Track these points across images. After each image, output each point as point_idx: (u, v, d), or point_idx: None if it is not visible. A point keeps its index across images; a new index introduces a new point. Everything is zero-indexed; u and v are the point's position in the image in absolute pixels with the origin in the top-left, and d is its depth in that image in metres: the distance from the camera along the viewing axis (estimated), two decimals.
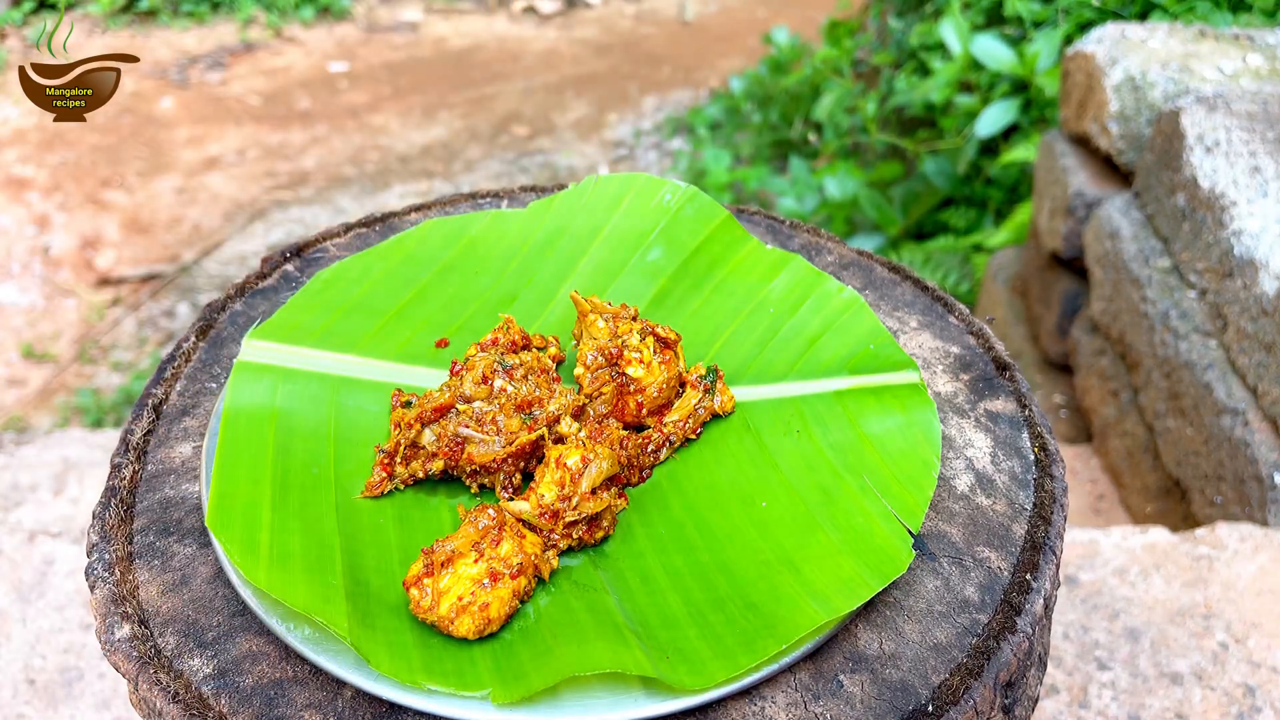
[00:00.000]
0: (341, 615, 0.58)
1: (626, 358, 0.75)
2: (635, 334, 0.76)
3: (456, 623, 0.59)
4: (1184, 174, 1.84)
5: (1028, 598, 0.65)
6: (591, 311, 0.79)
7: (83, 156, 4.17)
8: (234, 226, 3.82)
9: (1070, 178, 2.21)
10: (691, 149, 4.30)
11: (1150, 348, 1.90)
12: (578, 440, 0.71)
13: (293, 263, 0.95)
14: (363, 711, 0.58)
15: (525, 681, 0.57)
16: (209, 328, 0.87)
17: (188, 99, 4.72)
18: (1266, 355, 1.63)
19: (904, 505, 0.67)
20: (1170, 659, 1.31)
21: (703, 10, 5.93)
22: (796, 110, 4.13)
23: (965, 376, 0.84)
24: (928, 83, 3.14)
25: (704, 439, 0.77)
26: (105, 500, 0.70)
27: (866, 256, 0.98)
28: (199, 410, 0.79)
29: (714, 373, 0.78)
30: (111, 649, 0.61)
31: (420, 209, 1.04)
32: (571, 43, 5.49)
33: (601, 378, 0.75)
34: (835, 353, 0.81)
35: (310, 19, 5.54)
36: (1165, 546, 1.48)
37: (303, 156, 4.31)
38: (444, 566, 0.61)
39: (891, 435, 0.73)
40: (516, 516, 0.65)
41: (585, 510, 0.66)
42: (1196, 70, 2.06)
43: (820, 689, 0.59)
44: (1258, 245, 1.65)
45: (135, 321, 3.34)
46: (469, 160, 4.32)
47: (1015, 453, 0.76)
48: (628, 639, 0.59)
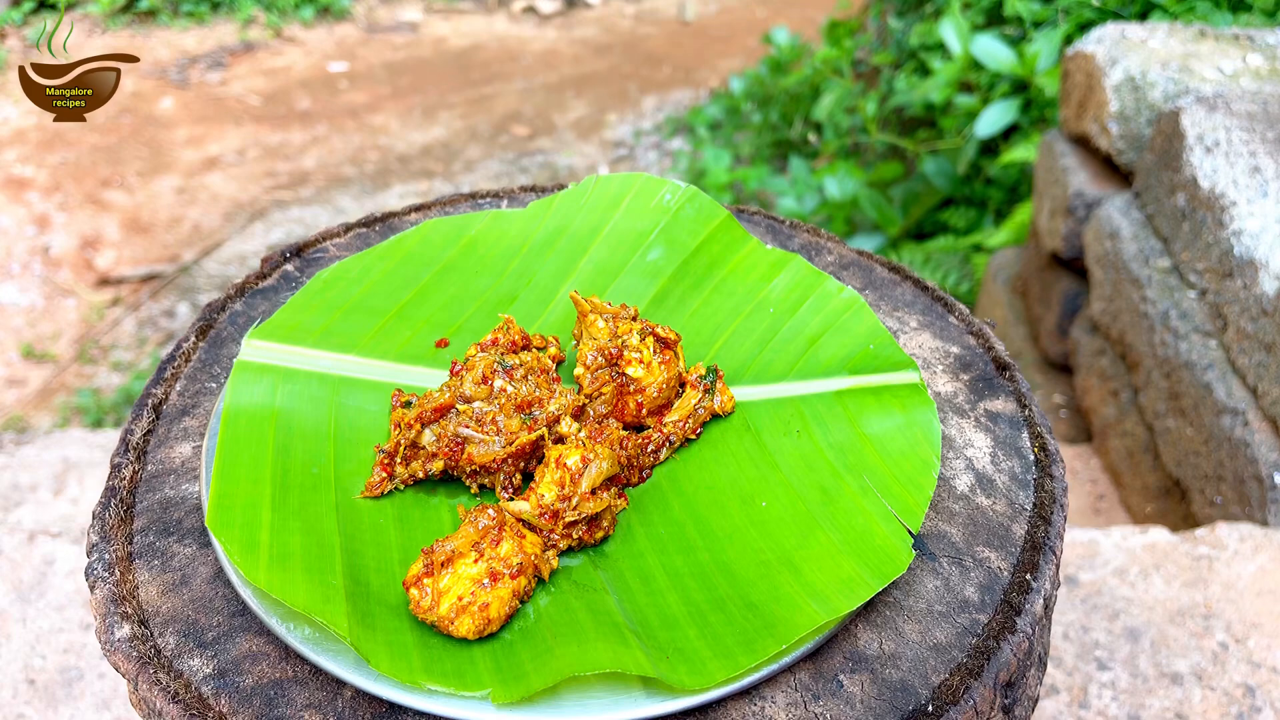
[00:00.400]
0: (341, 615, 0.58)
1: (626, 358, 0.75)
2: (635, 334, 0.76)
3: (456, 623, 0.59)
4: (1184, 174, 1.84)
5: (1028, 598, 0.65)
6: (591, 311, 0.79)
7: (83, 156, 4.17)
8: (234, 226, 3.82)
9: (1070, 178, 2.21)
10: (691, 149, 4.30)
11: (1150, 348, 1.90)
12: (578, 440, 0.71)
13: (293, 263, 0.95)
14: (363, 711, 0.58)
15: (525, 681, 0.57)
16: (209, 328, 0.87)
17: (188, 99, 4.72)
18: (1266, 355, 1.63)
19: (904, 505, 0.67)
20: (1170, 659, 1.31)
21: (703, 10, 5.93)
22: (796, 110, 4.13)
23: (965, 376, 0.84)
24: (928, 83, 3.14)
25: (704, 439, 0.77)
26: (105, 500, 0.70)
27: (866, 256, 0.98)
28: (199, 410, 0.79)
29: (714, 373, 0.78)
30: (111, 649, 0.61)
31: (420, 209, 1.04)
32: (571, 43, 5.49)
33: (601, 378, 0.75)
34: (835, 353, 0.81)
35: (310, 19, 5.54)
36: (1165, 546, 1.48)
37: (303, 156, 4.31)
38: (444, 566, 0.61)
39: (891, 435, 0.73)
40: (516, 516, 0.65)
41: (585, 510, 0.66)
42: (1196, 70, 2.06)
43: (820, 689, 0.59)
44: (1258, 245, 1.65)
45: (135, 321, 3.34)
46: (469, 160, 4.32)
47: (1015, 453, 0.76)
48: (628, 639, 0.59)
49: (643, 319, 0.80)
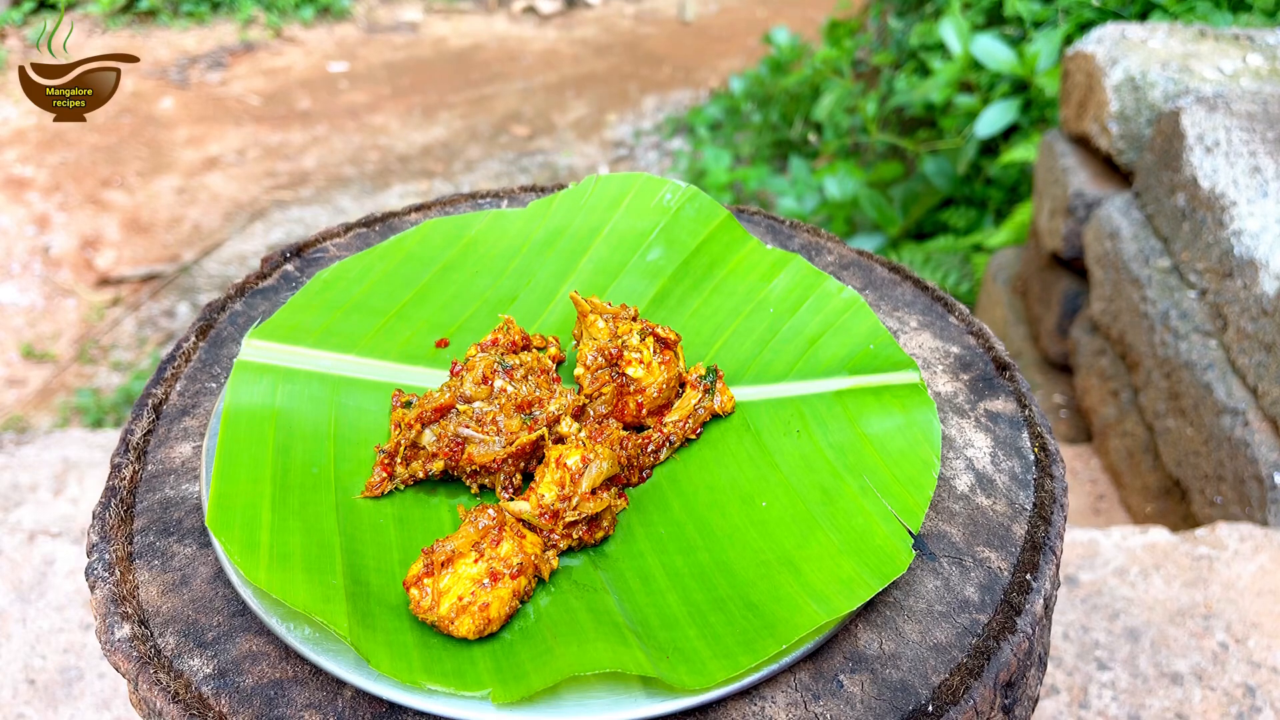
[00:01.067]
0: (341, 615, 0.58)
1: (626, 358, 0.75)
2: (635, 334, 0.76)
3: (456, 623, 0.59)
4: (1184, 174, 1.84)
5: (1028, 598, 0.65)
6: (591, 311, 0.79)
7: (83, 156, 4.17)
8: (234, 226, 3.82)
9: (1070, 178, 2.21)
10: (691, 149, 4.30)
11: (1150, 348, 1.90)
12: (578, 440, 0.71)
13: (293, 263, 0.95)
14: (363, 711, 0.58)
15: (525, 681, 0.57)
16: (209, 328, 0.87)
17: (188, 99, 4.72)
18: (1266, 355, 1.63)
19: (904, 505, 0.67)
20: (1170, 659, 1.31)
21: (703, 10, 5.93)
22: (796, 110, 4.13)
23: (965, 376, 0.84)
24: (928, 83, 3.14)
25: (704, 439, 0.77)
26: (105, 500, 0.70)
27: (866, 256, 0.98)
28: (199, 410, 0.79)
29: (714, 373, 0.78)
30: (111, 649, 0.61)
31: (420, 209, 1.04)
32: (571, 43, 5.49)
33: (601, 378, 0.75)
34: (835, 353, 0.81)
35: (310, 19, 5.54)
36: (1165, 546, 1.48)
37: (303, 156, 4.31)
38: (444, 566, 0.61)
39: (891, 435, 0.73)
40: (516, 516, 0.65)
41: (585, 510, 0.66)
42: (1196, 70, 2.06)
43: (820, 689, 0.59)
44: (1258, 245, 1.65)
45: (135, 321, 3.34)
46: (469, 160, 4.32)
47: (1015, 453, 0.76)
48: (628, 639, 0.59)
49: (643, 319, 0.80)
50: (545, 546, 0.65)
